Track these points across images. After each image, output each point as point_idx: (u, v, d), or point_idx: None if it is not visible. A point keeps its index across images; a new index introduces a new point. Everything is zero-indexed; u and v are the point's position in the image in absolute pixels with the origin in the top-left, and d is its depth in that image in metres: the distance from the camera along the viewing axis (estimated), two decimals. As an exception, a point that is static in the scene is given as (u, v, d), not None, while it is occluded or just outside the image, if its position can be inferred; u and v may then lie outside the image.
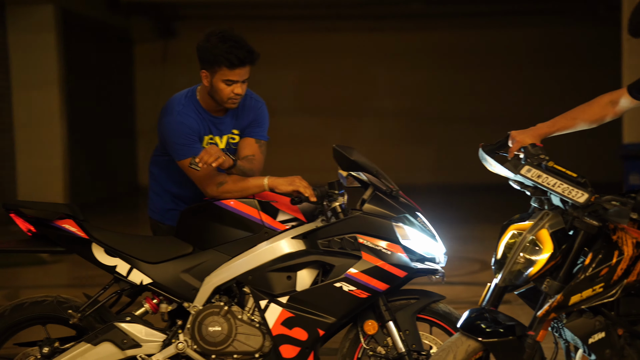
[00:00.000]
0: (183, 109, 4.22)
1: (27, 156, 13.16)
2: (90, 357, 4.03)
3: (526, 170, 3.67)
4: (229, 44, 4.10)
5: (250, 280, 4.08)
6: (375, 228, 4.08)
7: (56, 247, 4.15)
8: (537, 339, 3.59)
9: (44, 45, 13.36)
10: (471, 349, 3.60)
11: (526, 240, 3.60)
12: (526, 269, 3.60)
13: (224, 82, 4.15)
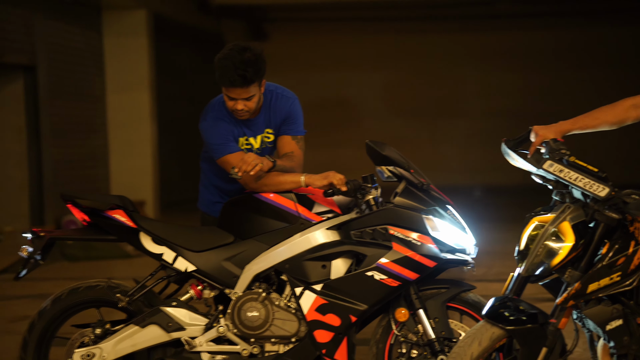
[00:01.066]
0: (217, 114, 4.47)
1: (120, 156, 13.71)
2: (138, 338, 4.31)
3: (548, 165, 3.81)
4: (225, 64, 4.27)
5: (287, 268, 4.30)
6: (406, 220, 4.27)
7: (108, 236, 4.45)
8: (558, 326, 3.72)
9: (136, 48, 13.88)
10: (495, 335, 3.75)
11: (549, 232, 3.74)
12: (548, 260, 3.74)
13: (226, 96, 4.38)
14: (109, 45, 13.92)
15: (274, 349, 4.31)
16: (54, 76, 12.48)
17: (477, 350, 3.73)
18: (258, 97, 4.42)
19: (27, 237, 4.44)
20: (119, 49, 13.84)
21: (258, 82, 4.37)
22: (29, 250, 4.43)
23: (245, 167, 4.22)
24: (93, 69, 13.66)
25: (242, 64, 4.27)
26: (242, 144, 4.51)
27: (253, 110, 4.43)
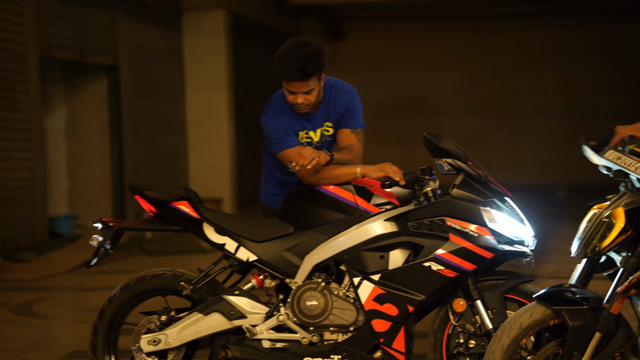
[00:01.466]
0: (277, 109, 4.57)
1: (198, 154, 13.96)
2: (201, 325, 4.44)
3: (609, 153, 3.88)
4: (285, 59, 4.38)
5: (345, 258, 4.38)
6: (463, 211, 4.31)
7: (173, 227, 4.60)
8: (611, 311, 3.75)
9: (215, 48, 14.12)
10: (541, 315, 3.82)
11: (602, 216, 3.80)
12: (599, 242, 3.79)
13: (286, 90, 4.47)
14: (188, 45, 14.19)
15: (333, 338, 4.39)
16: (135, 76, 12.79)
17: (527, 322, 3.82)
18: (318, 90, 4.51)
19: (97, 227, 4.58)
20: (198, 49, 14.10)
21: (317, 76, 4.46)
22: (99, 239, 4.57)
23: (302, 161, 4.32)
24: (173, 69, 13.96)
25: (302, 58, 4.37)
26: (302, 137, 4.61)
27: (313, 104, 4.52)
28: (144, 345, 4.45)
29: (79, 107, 12.27)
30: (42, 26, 10.70)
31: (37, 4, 10.56)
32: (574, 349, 3.79)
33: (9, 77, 10.06)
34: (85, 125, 12.23)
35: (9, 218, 9.88)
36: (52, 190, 11.84)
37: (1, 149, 9.82)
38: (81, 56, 11.51)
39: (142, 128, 12.94)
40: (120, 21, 12.40)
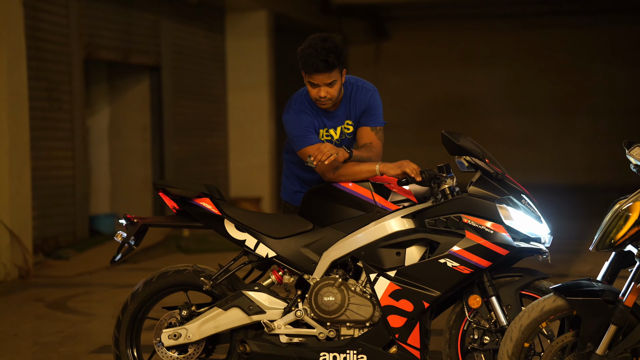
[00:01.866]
0: (299, 107, 4.64)
1: (239, 153, 14.09)
2: (221, 320, 4.53)
3: (635, 151, 3.94)
4: (309, 52, 4.46)
5: (363, 255, 4.44)
6: (479, 209, 4.35)
7: (195, 223, 4.69)
8: (624, 303, 3.78)
9: (256, 49, 14.23)
10: (554, 304, 3.91)
11: (620, 210, 3.84)
12: (614, 235, 3.84)
13: (309, 84, 4.54)
14: (231, 45, 14.32)
15: (349, 333, 4.45)
16: (177, 76, 12.95)
17: (549, 306, 3.92)
18: (339, 84, 4.57)
19: (122, 224, 4.69)
20: (240, 49, 14.22)
21: (339, 69, 4.53)
22: (123, 235, 4.68)
23: (320, 156, 4.39)
24: (215, 69, 14.10)
25: (324, 50, 4.45)
26: (323, 135, 4.67)
27: (335, 99, 4.58)
28: (165, 339, 4.55)
29: (122, 107, 12.47)
30: (86, 28, 10.90)
31: (81, 6, 10.75)
32: (587, 339, 3.84)
33: (53, 77, 10.26)
34: (127, 125, 12.43)
35: (51, 216, 10.08)
36: (94, 188, 12.06)
37: (45, 149, 10.02)
38: (124, 57, 11.70)
39: (183, 128, 13.10)
40: (163, 22, 12.57)
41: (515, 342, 3.96)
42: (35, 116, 9.69)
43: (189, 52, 13.33)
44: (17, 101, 8.80)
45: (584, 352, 3.85)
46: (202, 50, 13.78)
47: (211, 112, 13.97)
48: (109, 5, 11.35)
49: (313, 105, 4.66)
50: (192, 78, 13.44)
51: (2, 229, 8.56)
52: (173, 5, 12.81)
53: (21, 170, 8.82)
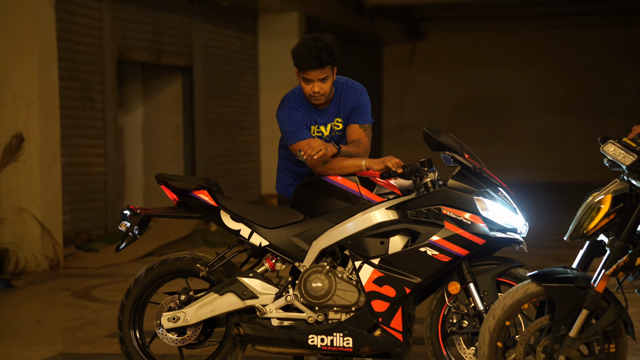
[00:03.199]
0: (292, 104, 4.94)
1: (270, 151, 14.40)
2: (217, 304, 4.83)
3: (608, 147, 4.17)
4: (302, 50, 4.79)
5: (349, 244, 4.71)
6: (458, 201, 4.60)
7: (194, 214, 5.00)
8: (595, 290, 4.02)
9: (288, 49, 14.44)
10: (530, 291, 4.14)
11: (592, 202, 4.07)
12: (586, 225, 4.07)
13: (303, 80, 4.83)
14: (263, 46, 14.65)
15: (336, 317, 4.73)
16: (209, 76, 13.31)
17: (532, 289, 4.13)
18: (331, 81, 4.86)
19: (126, 214, 5.01)
20: (272, 50, 14.53)
21: (331, 65, 4.83)
22: (127, 225, 5.00)
23: (310, 151, 4.68)
24: (247, 69, 14.44)
25: (317, 48, 4.77)
26: (314, 131, 4.96)
27: (327, 94, 4.86)
28: (165, 322, 4.86)
29: (155, 107, 12.86)
30: (119, 30, 11.29)
31: (114, 9, 11.15)
32: (561, 323, 4.07)
33: (86, 77, 10.66)
34: (160, 124, 12.81)
35: (83, 211, 10.49)
36: (128, 185, 12.46)
37: (77, 146, 10.42)
38: (156, 58, 12.07)
39: (214, 126, 13.46)
40: (195, 24, 12.93)
41: (497, 319, 4.18)
42: (68, 115, 10.10)
43: (220, 53, 13.68)
44: (48, 100, 9.20)
45: (558, 334, 4.09)
46: (234, 50, 14.12)
47: (242, 111, 14.31)
48: (141, 8, 11.73)
49: (305, 103, 4.95)
50: (224, 78, 13.79)
51: (33, 222, 8.97)
52: (204, 8, 13.16)
53: (51, 166, 9.22)
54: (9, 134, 9.00)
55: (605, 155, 4.15)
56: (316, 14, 15.24)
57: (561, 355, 4.05)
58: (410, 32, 19.47)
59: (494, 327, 4.17)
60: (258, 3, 14.17)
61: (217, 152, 13.50)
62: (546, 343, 4.09)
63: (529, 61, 19.11)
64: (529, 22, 19.02)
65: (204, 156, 13.05)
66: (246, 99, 14.42)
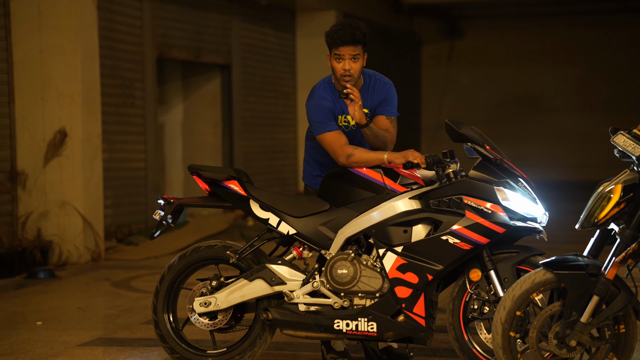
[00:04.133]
0: (322, 93, 5.12)
1: (308, 148, 14.58)
2: (246, 290, 5.02)
3: (617, 138, 4.29)
4: (337, 28, 4.98)
5: (374, 232, 4.88)
6: (478, 191, 4.76)
7: (225, 203, 5.20)
8: (606, 276, 4.15)
9: (326, 48, 14.67)
10: (538, 280, 4.28)
11: (603, 192, 4.21)
12: (597, 214, 4.21)
13: (334, 59, 5.01)
14: (301, 45, 14.85)
15: (361, 303, 4.90)
16: (247, 74, 13.54)
17: (539, 279, 4.28)
18: (361, 63, 5.02)
19: (160, 203, 5.22)
20: (309, 49, 14.72)
21: (363, 48, 5.00)
22: (161, 214, 5.21)
23: (355, 93, 4.88)
24: (285, 67, 14.65)
25: (352, 27, 4.98)
26: (341, 121, 5.14)
27: (356, 76, 5.01)
28: (197, 306, 5.06)
29: (194, 104, 13.11)
30: (159, 28, 11.55)
31: (154, 8, 11.41)
32: (572, 309, 4.21)
33: (127, 75, 10.93)
34: (200, 121, 13.06)
35: (124, 205, 10.76)
36: (168, 181, 12.73)
37: (119, 142, 10.70)
38: (195, 56, 12.32)
39: (252, 123, 13.68)
40: (234, 22, 13.16)
41: (508, 310, 4.34)
42: (109, 111, 10.37)
43: (258, 51, 13.90)
44: (90, 97, 9.47)
45: (569, 320, 4.22)
46: (272, 49, 14.33)
47: (280, 109, 14.53)
48: (180, 7, 11.99)
49: (335, 92, 5.12)
50: (262, 76, 14.01)
51: (76, 215, 9.25)
52: (243, 6, 13.39)
53: (93, 161, 9.49)
54: (53, 129, 9.28)
55: (616, 146, 4.27)
56: (354, 12, 15.39)
57: (573, 340, 4.18)
58: (449, 31, 19.55)
59: (505, 317, 4.31)
60: (296, 1, 14.37)
61: (255, 148, 13.73)
62: (557, 329, 4.23)
63: (568, 59, 19.10)
64: (569, 20, 19.01)
65: (242, 153, 13.29)
66: (284, 96, 14.64)
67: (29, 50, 9.24)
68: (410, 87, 19.16)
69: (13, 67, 9.24)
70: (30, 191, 9.25)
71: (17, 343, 5.89)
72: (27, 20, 9.23)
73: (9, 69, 9.22)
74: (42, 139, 9.28)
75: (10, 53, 9.22)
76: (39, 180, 9.27)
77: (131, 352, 5.63)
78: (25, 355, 5.56)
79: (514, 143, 18.67)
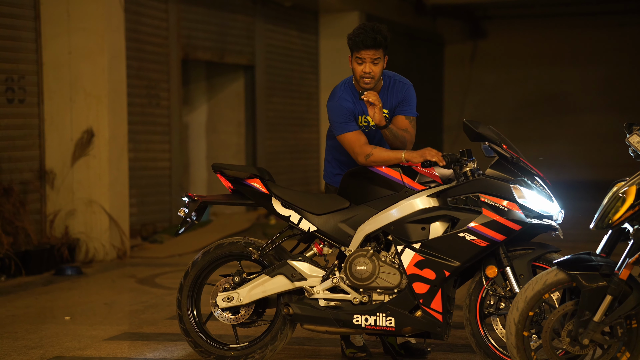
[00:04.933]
0: (342, 94, 5.24)
1: (330, 148, 14.71)
2: (268, 285, 5.15)
3: (632, 138, 4.38)
4: (359, 31, 5.09)
5: (392, 229, 5.00)
6: (495, 189, 4.87)
7: (247, 201, 5.33)
8: (620, 277, 4.23)
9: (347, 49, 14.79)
10: (550, 281, 4.36)
11: (618, 193, 4.28)
12: (612, 216, 4.28)
13: (356, 61, 5.13)
14: (324, 46, 14.98)
15: (380, 298, 5.02)
16: (270, 74, 13.68)
17: (551, 279, 4.36)
18: (381, 66, 5.15)
19: (185, 201, 5.36)
20: (332, 49, 14.85)
21: (384, 51, 5.13)
22: (185, 211, 5.34)
23: (372, 97, 5.00)
24: (308, 68, 14.79)
25: (373, 31, 5.09)
26: (361, 121, 5.26)
27: (376, 79, 5.14)
28: (220, 301, 5.20)
29: (218, 104, 13.27)
30: (184, 30, 11.72)
31: (180, 10, 11.58)
32: (585, 308, 4.29)
33: (153, 76, 11.10)
34: (223, 121, 13.22)
35: (149, 204, 10.93)
36: (193, 180, 12.89)
37: (144, 141, 10.87)
38: (219, 57, 12.48)
39: (275, 123, 13.83)
40: (257, 24, 13.31)
41: (521, 311, 4.41)
42: (135, 112, 10.55)
43: (282, 52, 14.05)
44: (116, 97, 9.65)
45: (582, 319, 4.31)
46: (295, 50, 14.47)
47: (303, 109, 14.66)
48: (205, 9, 12.15)
49: (355, 93, 5.25)
50: (285, 76, 14.15)
51: (102, 214, 9.42)
52: (267, 8, 13.54)
53: (119, 160, 9.66)
54: (80, 129, 9.46)
55: (630, 145, 4.35)
56: (377, 13, 15.50)
57: (585, 338, 4.27)
58: (472, 31, 19.61)
59: (518, 318, 4.39)
60: (319, 3, 14.49)
61: (278, 148, 13.88)
62: (570, 327, 4.31)
63: (592, 59, 19.11)
64: (593, 20, 19.02)
65: (265, 152, 13.43)
66: (307, 97, 14.77)
67: (58, 52, 9.43)
68: (433, 87, 19.24)
69: (43, 68, 9.43)
70: (58, 190, 9.43)
71: (46, 337, 6.06)
72: (57, 22, 9.42)
73: (38, 71, 9.41)
74: (70, 139, 9.46)
75: (40, 55, 9.41)
76: (67, 179, 9.45)
77: (156, 346, 5.78)
78: (54, 349, 5.72)
79: (537, 143, 18.70)
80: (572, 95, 19.29)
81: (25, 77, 9.30)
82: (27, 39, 9.34)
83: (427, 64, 18.70)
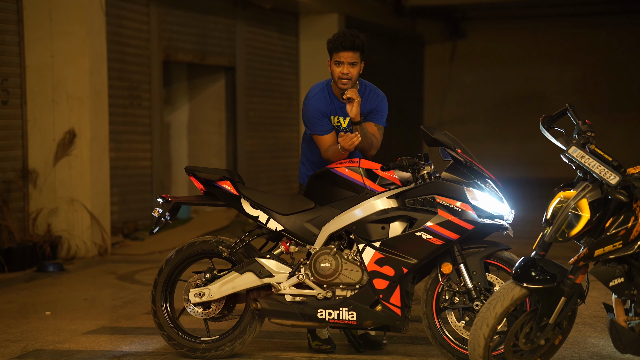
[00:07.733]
0: (316, 95, 5.58)
1: (310, 147, 15.00)
2: (237, 282, 5.45)
3: (572, 150, 4.69)
4: (338, 35, 5.44)
5: (354, 229, 5.31)
6: (450, 191, 5.19)
7: (218, 202, 5.63)
8: (575, 281, 4.56)
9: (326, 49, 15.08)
10: (516, 296, 4.64)
11: (570, 207, 4.56)
12: (568, 230, 4.56)
13: (334, 63, 5.45)
14: (304, 47, 15.28)
15: (342, 294, 5.33)
16: (251, 75, 13.97)
17: (517, 294, 4.62)
18: (358, 69, 5.49)
19: (159, 201, 5.65)
20: (312, 50, 15.12)
21: (361, 55, 5.46)
22: (159, 211, 5.64)
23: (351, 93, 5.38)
24: (288, 69, 15.08)
25: (352, 35, 5.44)
26: (334, 121, 5.59)
27: (354, 80, 5.48)
28: (192, 297, 5.49)
29: (199, 104, 13.55)
30: (165, 32, 11.98)
31: (161, 12, 11.84)
32: (544, 316, 4.62)
33: (134, 78, 11.36)
34: (205, 121, 13.51)
35: (130, 202, 11.21)
36: (174, 178, 13.17)
37: (126, 141, 11.14)
38: (200, 58, 12.75)
39: (255, 123, 14.12)
40: (238, 26, 13.58)
41: (491, 327, 4.64)
42: (117, 112, 10.82)
43: (262, 53, 14.33)
44: (98, 99, 9.92)
45: (540, 325, 4.64)
46: (276, 51, 14.76)
47: (283, 109, 14.96)
48: (186, 12, 12.42)
49: (331, 95, 5.57)
50: (265, 77, 14.44)
51: (84, 212, 9.70)
52: (248, 10, 13.82)
53: (101, 160, 9.94)
54: (62, 130, 9.72)
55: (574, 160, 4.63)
56: (356, 15, 15.79)
57: (542, 339, 4.62)
58: (451, 32, 19.91)
59: (488, 333, 4.64)
60: (299, 5, 14.76)
61: (258, 147, 14.17)
62: (527, 330, 4.64)
63: (569, 59, 19.44)
64: (570, 21, 19.33)
65: (245, 151, 13.73)
66: (287, 97, 15.07)
67: (41, 55, 9.69)
68: (413, 87, 19.55)
69: (26, 71, 9.69)
70: (40, 189, 9.71)
71: (28, 331, 6.34)
72: (39, 26, 9.68)
73: (21, 73, 9.67)
74: (53, 139, 9.73)
75: (23, 58, 9.67)
76: (49, 178, 9.72)
77: (132, 340, 6.07)
78: (35, 342, 6.01)
79: (515, 142, 19.06)
80: (548, 95, 19.63)
81: (9, 79, 9.57)
82: (11, 43, 9.60)
83: (407, 64, 18.99)
